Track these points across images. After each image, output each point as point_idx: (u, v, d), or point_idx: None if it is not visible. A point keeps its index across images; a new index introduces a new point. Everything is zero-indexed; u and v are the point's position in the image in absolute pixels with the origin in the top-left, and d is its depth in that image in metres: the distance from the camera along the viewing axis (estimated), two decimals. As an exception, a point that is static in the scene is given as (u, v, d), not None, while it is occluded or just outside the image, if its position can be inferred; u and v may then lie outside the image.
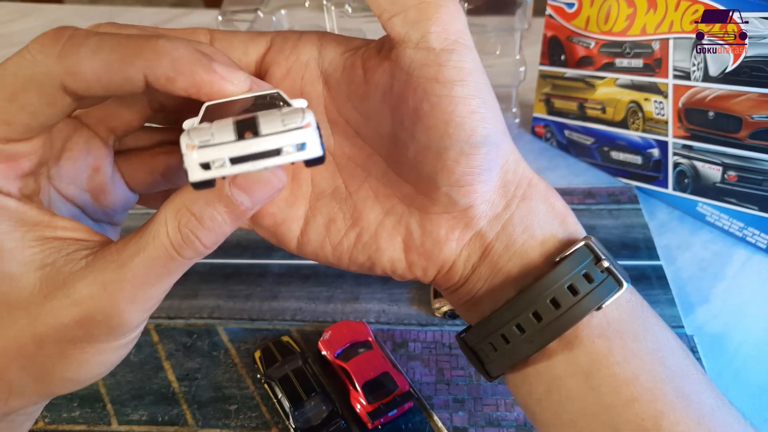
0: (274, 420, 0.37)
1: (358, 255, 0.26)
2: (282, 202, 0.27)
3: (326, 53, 0.26)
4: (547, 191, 0.26)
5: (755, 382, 0.38)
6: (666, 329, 0.25)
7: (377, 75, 0.24)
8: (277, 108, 0.20)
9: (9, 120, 0.19)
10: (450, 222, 0.25)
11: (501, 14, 0.56)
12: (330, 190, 0.27)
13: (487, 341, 0.25)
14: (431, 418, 0.37)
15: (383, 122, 0.25)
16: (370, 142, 0.26)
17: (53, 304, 0.20)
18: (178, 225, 0.20)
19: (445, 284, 0.27)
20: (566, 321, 0.23)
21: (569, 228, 0.26)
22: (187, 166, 0.18)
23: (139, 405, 0.38)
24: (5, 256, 0.20)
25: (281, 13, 0.60)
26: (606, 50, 0.50)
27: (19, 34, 0.84)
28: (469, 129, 0.23)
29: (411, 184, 0.25)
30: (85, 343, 0.21)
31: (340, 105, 0.26)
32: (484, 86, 0.24)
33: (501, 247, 0.25)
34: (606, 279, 0.24)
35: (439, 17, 0.22)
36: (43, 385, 0.21)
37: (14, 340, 0.20)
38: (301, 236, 0.27)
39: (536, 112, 0.59)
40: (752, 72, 0.42)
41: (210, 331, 0.42)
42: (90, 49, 0.19)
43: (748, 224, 0.47)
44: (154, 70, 0.19)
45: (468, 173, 0.24)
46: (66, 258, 0.20)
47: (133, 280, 0.20)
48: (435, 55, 0.22)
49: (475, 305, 0.26)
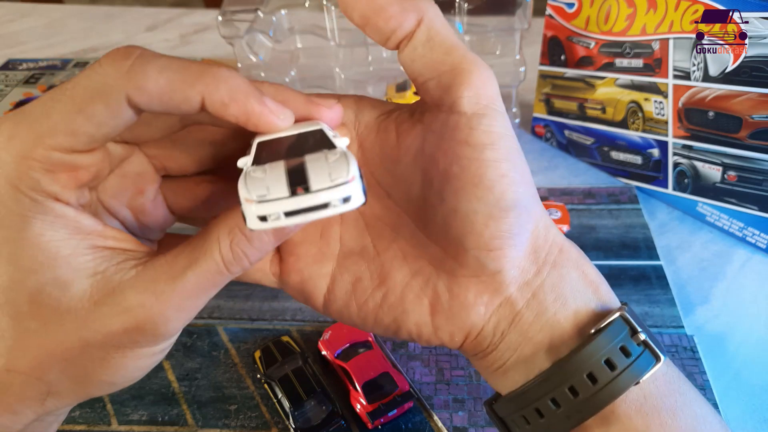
0: (274, 420, 0.37)
1: (383, 316, 0.26)
2: (310, 258, 0.27)
3: (362, 116, 0.26)
4: (579, 258, 0.26)
5: (755, 382, 0.38)
6: (703, 403, 0.24)
7: (410, 138, 0.25)
8: (323, 151, 0.21)
9: (76, 130, 0.20)
10: (478, 286, 0.25)
11: (501, 14, 0.56)
12: (358, 249, 0.27)
13: (519, 414, 0.24)
14: (431, 418, 0.37)
15: (414, 184, 0.25)
16: (400, 204, 0.27)
17: (103, 310, 0.21)
18: (230, 244, 0.22)
19: (472, 351, 0.26)
20: (604, 397, 0.23)
21: (603, 297, 0.25)
22: (245, 214, 0.20)
23: (139, 405, 0.38)
24: (61, 263, 0.21)
25: (281, 13, 0.60)
26: (606, 50, 0.50)
27: (20, 34, 0.84)
28: (499, 192, 0.23)
29: (440, 246, 0.25)
30: (128, 348, 0.22)
31: (373, 167, 0.27)
32: (515, 151, 0.24)
33: (532, 315, 0.24)
34: (643, 352, 0.23)
35: (471, 82, 0.23)
36: (81, 387, 0.22)
37: (61, 344, 0.21)
38: (327, 294, 0.27)
39: (536, 112, 0.59)
40: (752, 72, 0.42)
41: (210, 330, 0.42)
42: (157, 67, 0.20)
43: (747, 224, 0.47)
44: (212, 94, 0.20)
45: (497, 237, 0.23)
46: (116, 267, 0.21)
47: (183, 292, 0.21)
48: (466, 119, 0.23)
49: (504, 374, 0.26)
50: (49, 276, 0.21)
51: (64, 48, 0.80)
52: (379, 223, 0.27)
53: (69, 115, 0.20)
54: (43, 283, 0.20)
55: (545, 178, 0.55)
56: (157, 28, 0.85)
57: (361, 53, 0.59)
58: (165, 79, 0.20)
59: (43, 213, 0.20)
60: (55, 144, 0.20)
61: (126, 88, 0.20)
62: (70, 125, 0.20)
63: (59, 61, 0.75)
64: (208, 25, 0.84)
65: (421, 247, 0.26)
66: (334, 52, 0.59)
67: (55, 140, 0.20)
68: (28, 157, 0.20)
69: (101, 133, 0.21)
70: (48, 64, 0.74)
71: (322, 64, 0.61)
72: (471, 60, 0.23)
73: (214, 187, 0.27)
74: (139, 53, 0.20)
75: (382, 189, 0.27)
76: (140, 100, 0.20)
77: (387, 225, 0.27)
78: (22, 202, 0.20)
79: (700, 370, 0.38)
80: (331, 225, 0.28)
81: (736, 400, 0.37)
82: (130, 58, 0.20)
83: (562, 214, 0.49)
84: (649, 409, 0.23)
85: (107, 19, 0.88)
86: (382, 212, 0.27)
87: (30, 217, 0.20)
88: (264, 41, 0.60)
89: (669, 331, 0.41)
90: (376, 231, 0.27)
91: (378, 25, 0.23)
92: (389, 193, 0.27)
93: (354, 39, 0.57)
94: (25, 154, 0.20)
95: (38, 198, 0.20)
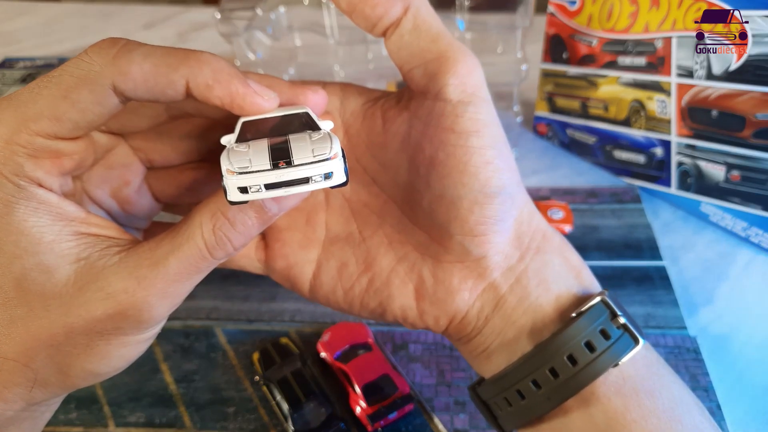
0: (272, 422, 0.36)
1: (369, 300, 0.26)
2: (295, 244, 0.27)
3: (348, 103, 0.27)
4: (561, 244, 0.26)
5: (759, 383, 0.38)
6: (681, 385, 0.25)
7: (396, 125, 0.25)
8: (307, 132, 0.21)
9: (60, 116, 0.20)
10: (463, 271, 0.25)
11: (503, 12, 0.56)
12: (344, 235, 0.27)
13: (501, 396, 0.25)
14: (432, 421, 0.36)
15: (400, 171, 0.26)
16: (386, 190, 0.27)
17: (87, 296, 0.21)
18: (213, 228, 0.22)
19: (457, 335, 0.27)
20: (584, 378, 0.23)
21: (584, 282, 0.26)
22: (226, 187, 0.20)
23: (137, 407, 0.37)
24: (44, 249, 0.21)
25: (280, 10, 0.59)
26: (609, 48, 0.50)
27: (16, 32, 0.83)
28: (484, 179, 0.23)
29: (425, 232, 0.26)
30: (112, 335, 0.22)
31: (359, 154, 0.27)
32: (500, 138, 0.24)
33: (515, 300, 0.25)
34: (622, 335, 0.24)
35: (457, 71, 0.23)
36: (66, 376, 0.22)
37: (46, 329, 0.21)
38: (313, 279, 0.27)
39: (538, 110, 0.59)
40: (756, 71, 0.41)
41: (208, 332, 0.42)
42: (141, 54, 0.20)
43: (751, 224, 0.46)
44: (196, 77, 0.21)
45: (481, 222, 0.24)
46: (100, 253, 0.21)
47: (166, 277, 0.21)
48: (452, 107, 0.23)
49: (488, 358, 0.26)
50: (33, 262, 0.20)
51: (60, 46, 0.79)
52: (365, 210, 0.27)
53: (54, 100, 0.20)
54: (27, 269, 0.20)
55: (548, 177, 0.54)
56: (154, 26, 0.84)
57: (361, 51, 0.59)
58: (149, 64, 0.20)
59: (27, 198, 0.20)
60: (39, 129, 0.20)
61: (111, 74, 0.20)
62: (54, 111, 0.20)
63: (56, 60, 0.75)
64: (206, 23, 0.83)
65: (407, 232, 0.26)
66: (334, 50, 0.58)
67: (40, 125, 0.20)
68: (11, 141, 0.20)
69: (86, 120, 0.21)
70: (45, 63, 0.74)
71: (322, 62, 0.60)
72: (457, 48, 0.24)
73: (199, 173, 0.27)
74: (124, 42, 0.21)
75: (367, 175, 0.27)
76: (126, 87, 0.20)
77: (373, 211, 0.27)
78: (5, 186, 0.20)
79: (702, 372, 0.38)
80: (316, 211, 0.28)
81: (740, 402, 0.37)
82: (115, 47, 0.20)
83: (565, 214, 0.48)
84: (628, 390, 0.23)
85: (104, 17, 0.87)
86: (368, 198, 0.27)
87: (13, 202, 0.20)
88: (262, 39, 0.60)
89: (672, 333, 0.40)
90: (362, 217, 0.27)
91: (365, 12, 0.23)
92: (375, 179, 0.27)
93: (353, 36, 0.57)
94: (9, 139, 0.20)
95: (21, 183, 0.20)
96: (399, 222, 0.27)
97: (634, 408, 0.23)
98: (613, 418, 0.23)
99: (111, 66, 0.20)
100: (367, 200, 0.27)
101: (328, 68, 0.59)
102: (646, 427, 0.23)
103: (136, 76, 0.20)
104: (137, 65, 0.20)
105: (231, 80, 0.21)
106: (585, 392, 0.23)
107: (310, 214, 0.28)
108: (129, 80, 0.20)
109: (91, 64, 0.20)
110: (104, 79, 0.20)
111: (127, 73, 0.20)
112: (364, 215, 0.27)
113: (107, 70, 0.20)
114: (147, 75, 0.20)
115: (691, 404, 0.24)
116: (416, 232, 0.26)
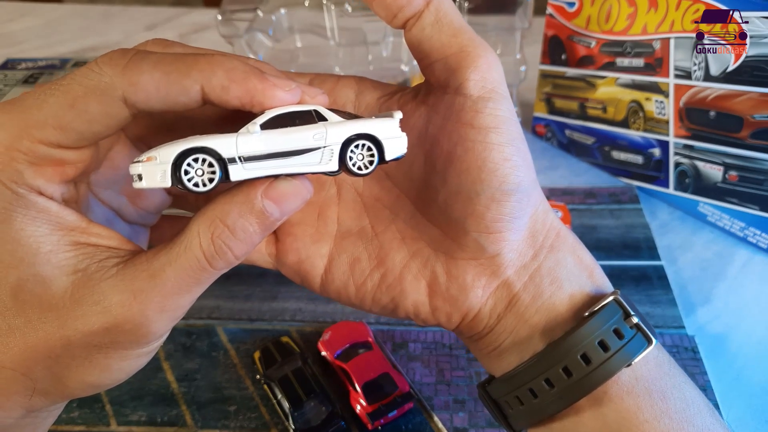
0: (273, 421, 0.37)
1: (381, 296, 0.26)
2: (307, 238, 0.27)
3: (363, 97, 0.26)
4: (574, 243, 0.26)
5: (757, 383, 0.38)
6: (692, 387, 0.25)
7: (413, 119, 0.25)
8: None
9: (65, 126, 0.20)
10: (477, 269, 0.25)
11: (502, 13, 0.56)
12: (356, 229, 0.27)
13: (513, 394, 0.25)
14: (431, 419, 0.36)
15: (415, 165, 0.26)
16: (399, 185, 0.27)
17: (83, 309, 0.20)
18: (211, 236, 0.21)
19: (468, 332, 0.26)
20: (598, 377, 0.23)
21: (597, 281, 0.26)
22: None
23: (138, 405, 0.38)
24: (41, 259, 0.20)
25: (281, 12, 0.60)
26: (607, 49, 0.50)
27: (18, 34, 0.84)
28: (502, 176, 0.23)
29: (439, 228, 0.25)
30: (110, 349, 0.21)
31: None
32: (518, 135, 0.24)
33: (528, 298, 0.25)
34: (635, 335, 0.24)
35: (478, 66, 0.23)
36: (65, 387, 0.22)
37: (43, 341, 0.20)
38: (325, 274, 0.27)
39: (537, 111, 0.59)
40: (753, 71, 0.41)
41: (209, 331, 0.42)
42: (152, 62, 0.20)
43: (749, 224, 0.46)
44: (210, 80, 0.20)
45: (498, 220, 0.24)
46: (98, 265, 0.21)
47: (163, 290, 0.20)
48: (472, 102, 0.23)
49: (499, 356, 0.26)
50: (30, 272, 0.20)
51: (62, 47, 0.79)
52: (378, 204, 0.27)
53: (60, 109, 0.19)
54: (24, 280, 0.20)
55: (546, 177, 0.54)
56: (156, 27, 0.84)
57: (361, 52, 0.59)
58: (159, 72, 0.20)
59: (25, 207, 0.20)
60: (43, 137, 0.20)
61: (122, 85, 0.19)
62: (60, 120, 0.20)
63: (58, 61, 0.75)
64: (208, 25, 0.84)
65: (420, 228, 0.26)
66: (334, 52, 0.58)
67: (43, 133, 0.20)
68: (11, 147, 0.19)
69: (92, 131, 0.20)
70: (47, 64, 0.74)
71: (322, 64, 0.60)
72: (478, 43, 0.23)
73: None
74: (134, 53, 0.20)
75: (381, 170, 0.27)
76: (137, 99, 0.20)
77: (386, 207, 0.27)
78: (2, 194, 0.20)
79: (701, 371, 0.38)
80: (328, 205, 0.27)
81: (737, 401, 0.37)
82: (125, 57, 0.20)
83: (563, 214, 0.48)
84: (641, 390, 0.23)
85: (106, 19, 0.87)
86: (381, 193, 0.27)
87: (11, 210, 0.20)
88: (263, 40, 0.60)
89: (670, 332, 0.41)
90: (375, 212, 0.27)
91: (386, 1, 0.23)
92: (388, 173, 0.27)
93: (354, 38, 0.57)
94: (9, 145, 0.19)
95: (20, 191, 0.20)
96: (412, 217, 0.26)
97: (647, 408, 0.23)
98: (626, 417, 0.23)
99: (121, 77, 0.19)
100: (380, 195, 0.27)
101: (328, 69, 0.60)
102: (659, 428, 0.23)
103: (148, 86, 0.19)
104: (147, 74, 0.19)
105: (247, 77, 0.20)
106: (597, 392, 0.23)
107: (321, 208, 0.27)
108: (140, 91, 0.20)
109: (101, 74, 0.20)
110: (114, 90, 0.19)
111: (138, 83, 0.19)
112: (376, 210, 0.27)
113: (117, 81, 0.19)
114: (158, 84, 0.20)
115: (702, 405, 0.24)
116: (430, 227, 0.26)
